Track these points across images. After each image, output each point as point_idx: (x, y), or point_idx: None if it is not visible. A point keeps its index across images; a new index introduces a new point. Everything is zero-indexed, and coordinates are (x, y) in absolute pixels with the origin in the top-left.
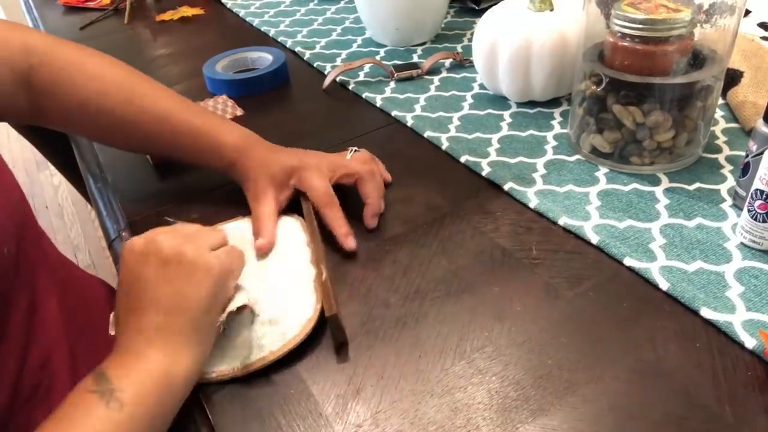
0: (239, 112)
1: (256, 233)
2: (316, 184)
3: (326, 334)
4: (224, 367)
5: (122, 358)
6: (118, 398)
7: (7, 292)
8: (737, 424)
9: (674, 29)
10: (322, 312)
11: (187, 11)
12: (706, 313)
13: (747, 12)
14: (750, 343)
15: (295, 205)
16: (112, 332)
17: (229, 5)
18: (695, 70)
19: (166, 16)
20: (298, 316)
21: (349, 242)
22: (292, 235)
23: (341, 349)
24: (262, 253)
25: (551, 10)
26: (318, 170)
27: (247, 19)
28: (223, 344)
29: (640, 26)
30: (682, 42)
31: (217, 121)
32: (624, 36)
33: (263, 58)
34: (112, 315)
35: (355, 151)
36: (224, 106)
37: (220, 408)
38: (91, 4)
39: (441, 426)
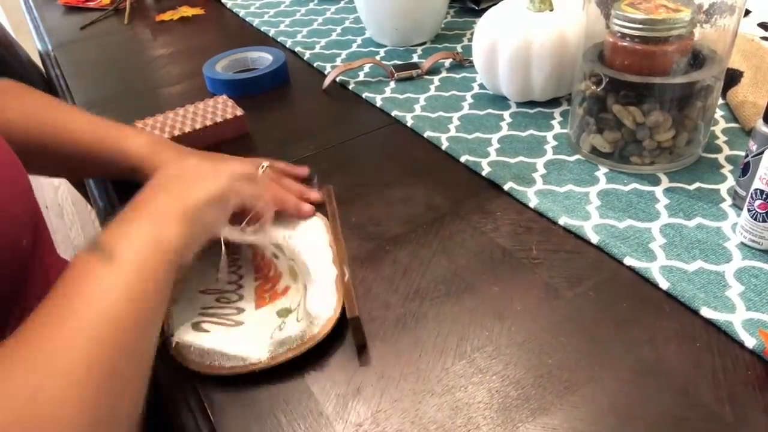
0: (239, 111)
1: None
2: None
3: (328, 334)
4: (253, 358)
5: (112, 229)
6: (117, 259)
7: (25, 284)
8: (737, 423)
9: (674, 29)
10: (341, 312)
11: (186, 11)
12: (706, 312)
13: (747, 12)
14: (750, 342)
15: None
16: None
17: (229, 5)
18: (695, 70)
19: (166, 16)
20: (320, 314)
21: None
22: (316, 235)
23: (361, 351)
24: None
25: (551, 10)
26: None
27: (247, 19)
28: (251, 336)
29: (640, 26)
30: (681, 42)
31: (119, 129)
32: (624, 36)
33: (263, 58)
34: None
35: (267, 166)
36: (224, 105)
37: (220, 407)
38: (91, 4)
39: (441, 425)
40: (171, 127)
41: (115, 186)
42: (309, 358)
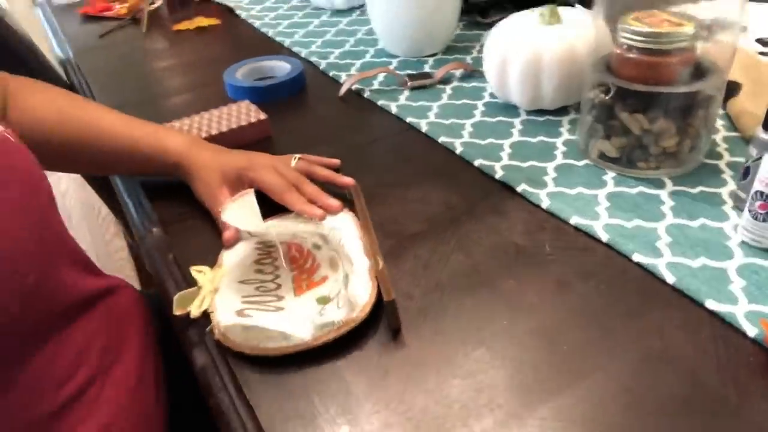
0: (263, 116)
1: (224, 229)
2: (268, 179)
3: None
4: (296, 339)
5: None
6: None
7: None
8: (740, 404)
9: (677, 42)
10: (377, 298)
11: (202, 21)
12: (710, 304)
13: (744, 28)
14: (752, 331)
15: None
16: None
17: (243, 16)
18: (697, 80)
19: (183, 26)
20: (357, 300)
21: (314, 212)
22: (346, 229)
23: (396, 334)
24: (229, 244)
25: (560, 23)
26: (265, 168)
27: (262, 30)
28: (293, 320)
29: (645, 39)
30: (684, 54)
31: (158, 129)
32: (630, 48)
33: (280, 67)
34: None
35: (299, 158)
36: (248, 110)
37: (255, 387)
38: (109, 14)
39: (465, 404)
40: (198, 129)
41: (143, 187)
42: (340, 343)
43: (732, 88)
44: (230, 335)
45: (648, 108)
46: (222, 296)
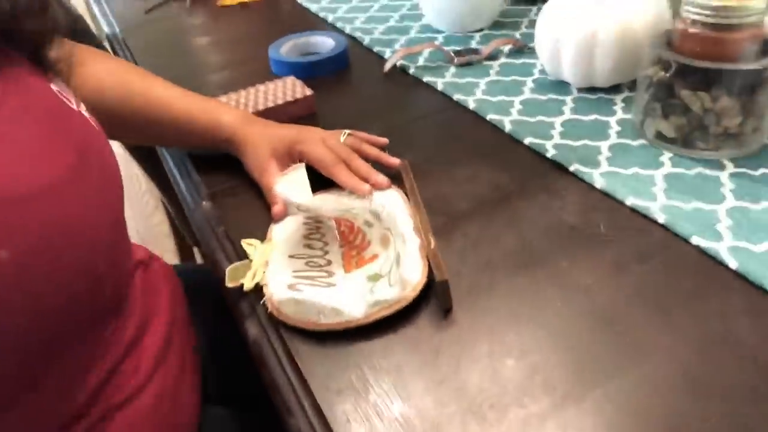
0: (309, 92)
1: (272, 202)
2: (318, 152)
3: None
4: (348, 315)
5: None
6: None
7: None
8: None
9: (747, 17)
10: (428, 277)
11: None
12: None
13: None
14: None
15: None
16: None
17: None
18: (765, 57)
19: (227, 1)
20: (409, 279)
21: (363, 187)
22: (395, 206)
23: (447, 314)
24: (279, 218)
25: None
26: (315, 141)
27: (305, 5)
28: (344, 296)
29: (713, 13)
30: (752, 30)
31: (213, 103)
32: (695, 22)
33: (325, 43)
34: None
35: (348, 134)
36: (293, 86)
37: (309, 361)
38: None
39: (519, 384)
40: (244, 104)
41: (192, 160)
42: (391, 319)
43: None
44: (283, 309)
45: (710, 86)
46: (273, 270)
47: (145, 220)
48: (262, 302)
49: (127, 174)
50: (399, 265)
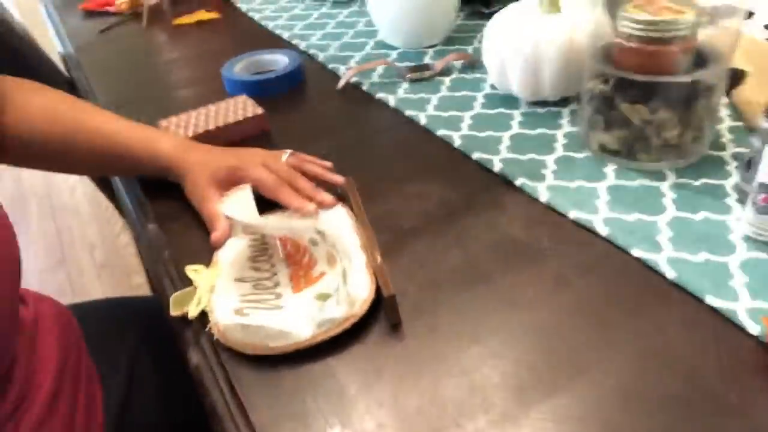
0: (259, 110)
1: (212, 229)
2: (260, 175)
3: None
4: (296, 336)
5: None
6: None
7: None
8: (740, 405)
9: (678, 30)
10: (376, 293)
11: (203, 15)
12: (711, 301)
13: (750, 14)
14: (753, 329)
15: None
16: None
17: (243, 9)
18: (699, 69)
19: (183, 20)
20: (356, 296)
21: (308, 208)
22: (341, 223)
23: (396, 329)
24: (217, 245)
25: (559, 12)
26: (256, 165)
27: (262, 23)
28: (292, 318)
29: (646, 27)
30: (686, 42)
31: (150, 132)
32: (630, 37)
33: (279, 60)
34: None
35: (290, 154)
36: (244, 105)
37: (250, 388)
38: (110, 9)
39: (459, 404)
40: (195, 125)
41: (141, 183)
42: (334, 342)
43: (737, 77)
44: (230, 334)
45: (649, 98)
46: (219, 295)
47: (113, 241)
48: (207, 329)
49: (94, 197)
50: (346, 282)
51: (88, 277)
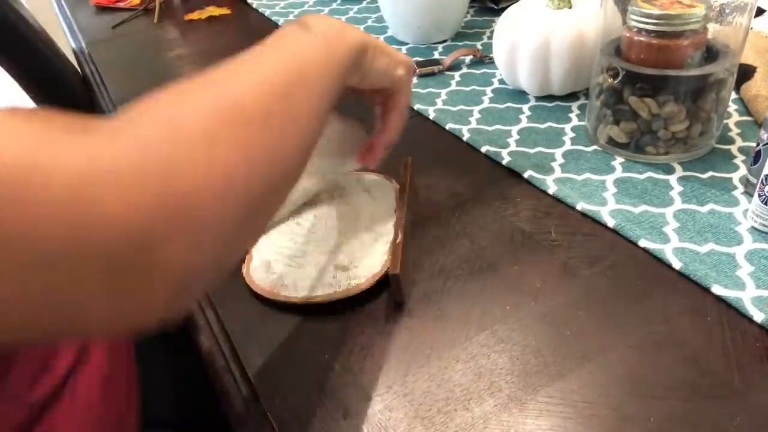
0: None
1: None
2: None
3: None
4: (294, 294)
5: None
6: (313, 30)
7: None
8: (744, 389)
9: (688, 24)
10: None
11: (214, 11)
12: (717, 290)
13: (761, 11)
14: (758, 317)
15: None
16: None
17: (254, 5)
18: (708, 63)
19: (194, 15)
20: (367, 269)
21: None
22: (386, 199)
23: (399, 308)
24: None
25: (569, 7)
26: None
27: (273, 18)
28: (297, 276)
29: (656, 21)
30: (695, 37)
31: None
32: (640, 31)
33: None
34: None
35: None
36: None
37: (259, 371)
38: (121, 5)
39: (466, 388)
40: None
41: None
42: (341, 326)
43: (746, 72)
44: (253, 274)
45: (657, 92)
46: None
47: None
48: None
49: None
50: (365, 256)
51: None
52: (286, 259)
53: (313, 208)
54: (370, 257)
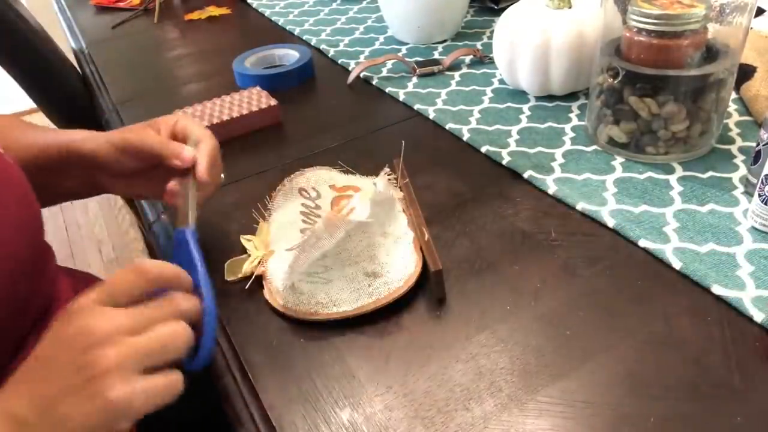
0: (273, 102)
1: (176, 156)
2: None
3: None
4: (335, 310)
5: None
6: None
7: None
8: (744, 389)
9: (688, 24)
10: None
11: (214, 11)
12: (717, 290)
13: (761, 11)
14: (758, 317)
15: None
16: None
17: (254, 5)
18: (708, 63)
19: (194, 15)
20: (401, 271)
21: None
22: (387, 201)
23: (441, 303)
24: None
25: (569, 7)
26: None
27: (273, 19)
28: (328, 291)
29: (656, 21)
30: (695, 36)
31: (79, 133)
32: (640, 31)
33: (289, 55)
34: None
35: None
36: (258, 96)
37: (261, 372)
38: (121, 4)
39: (466, 388)
40: (210, 115)
41: None
42: (343, 327)
43: (746, 72)
44: (283, 300)
45: (657, 92)
46: (275, 261)
47: (121, 237)
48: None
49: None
50: (392, 258)
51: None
52: (306, 276)
53: (314, 223)
54: (398, 260)
